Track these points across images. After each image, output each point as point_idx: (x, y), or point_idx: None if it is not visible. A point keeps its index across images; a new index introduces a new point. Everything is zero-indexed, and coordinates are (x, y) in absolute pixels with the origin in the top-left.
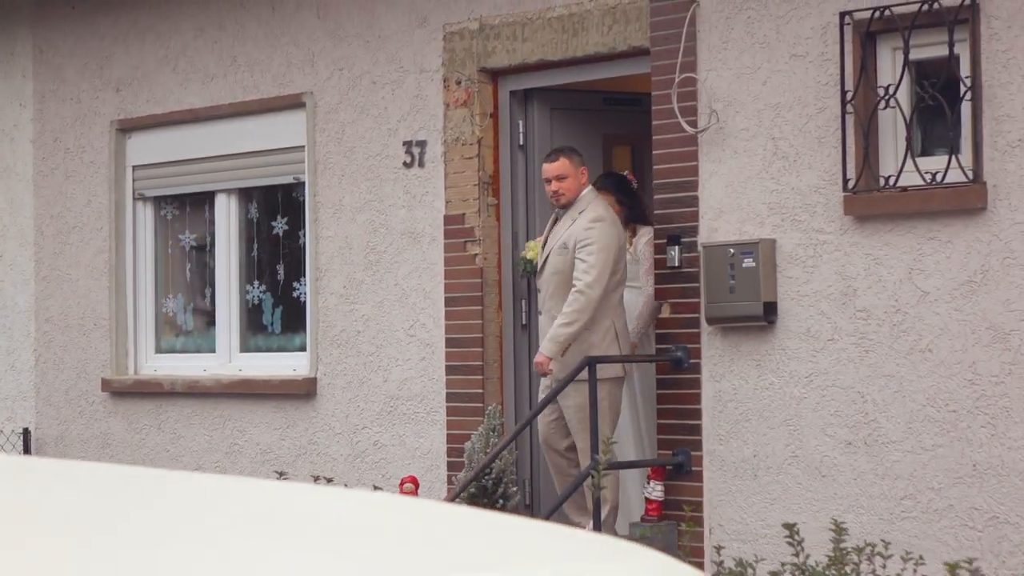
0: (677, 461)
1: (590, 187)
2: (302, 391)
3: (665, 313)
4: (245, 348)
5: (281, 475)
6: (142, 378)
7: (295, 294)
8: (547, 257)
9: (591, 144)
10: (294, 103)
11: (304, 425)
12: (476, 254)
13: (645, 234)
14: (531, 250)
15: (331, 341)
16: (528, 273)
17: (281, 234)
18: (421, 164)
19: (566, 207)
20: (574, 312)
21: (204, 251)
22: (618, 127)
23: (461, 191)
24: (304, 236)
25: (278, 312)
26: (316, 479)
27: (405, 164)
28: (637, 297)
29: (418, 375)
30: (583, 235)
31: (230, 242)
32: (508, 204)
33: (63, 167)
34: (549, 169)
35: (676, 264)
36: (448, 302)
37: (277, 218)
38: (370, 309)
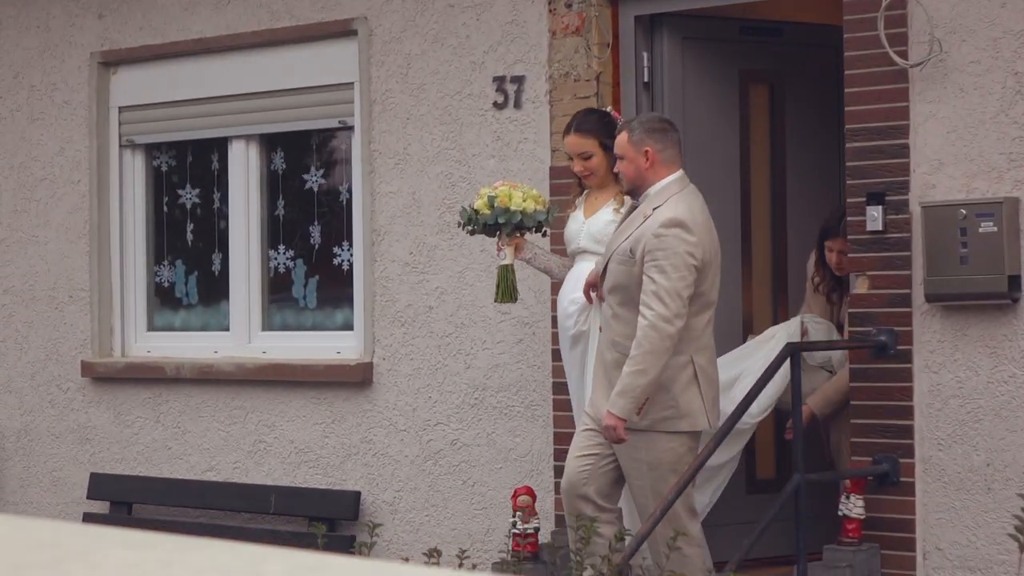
0: (881, 470)
1: (679, 173)
2: (354, 379)
3: (861, 288)
4: (269, 326)
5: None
6: (136, 361)
7: (336, 261)
8: (608, 262)
9: (726, 82)
10: (341, 31)
11: (355, 420)
12: None
13: None
14: (481, 198)
15: (392, 319)
16: (476, 231)
17: (316, 189)
18: (517, 105)
19: (633, 194)
20: (646, 355)
21: (211, 209)
22: (755, 62)
23: None
24: (350, 192)
25: (312, 283)
26: None
27: (496, 105)
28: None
29: (514, 361)
30: (652, 243)
31: (249, 199)
32: None
33: (27, 108)
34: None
35: (879, 228)
36: None
37: (311, 170)
38: (447, 280)
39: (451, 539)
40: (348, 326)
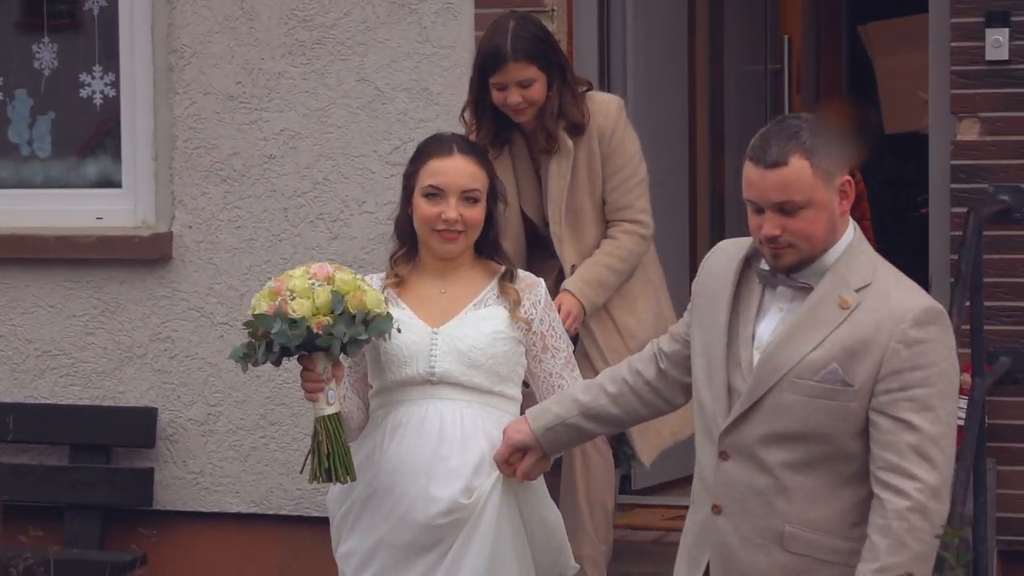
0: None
1: (851, 222)
2: (143, 255)
3: (968, 133)
4: None
5: None
6: None
7: (84, 93)
8: (765, 394)
9: None
10: None
11: (141, 310)
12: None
13: (533, 285)
14: (307, 298)
15: (207, 172)
16: (262, 359)
17: None
18: None
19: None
20: (913, 562)
21: None
22: None
23: None
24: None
25: (44, 123)
26: None
27: None
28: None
29: None
30: (904, 357)
31: None
32: None
33: None
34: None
35: (1004, 57)
36: None
37: None
38: (299, 120)
39: (296, 466)
40: (110, 182)
